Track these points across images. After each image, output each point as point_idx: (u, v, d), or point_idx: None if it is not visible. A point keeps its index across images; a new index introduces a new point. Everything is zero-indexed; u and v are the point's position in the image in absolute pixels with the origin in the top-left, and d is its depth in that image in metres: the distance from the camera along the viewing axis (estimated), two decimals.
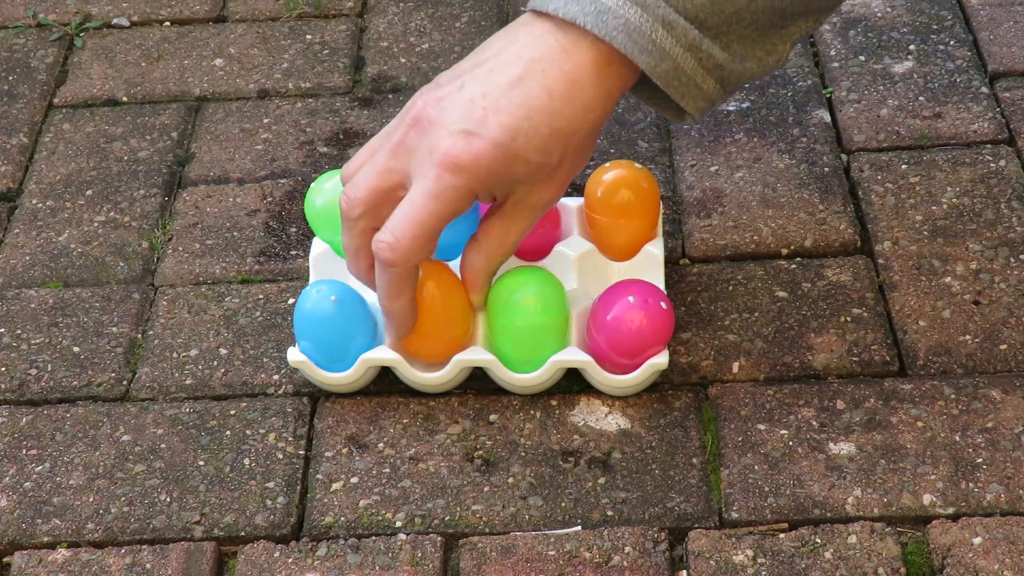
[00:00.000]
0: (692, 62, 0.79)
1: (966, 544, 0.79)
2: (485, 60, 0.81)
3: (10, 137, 1.12)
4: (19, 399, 0.92)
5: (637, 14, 0.77)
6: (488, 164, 0.80)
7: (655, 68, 0.79)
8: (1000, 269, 0.95)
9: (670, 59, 0.78)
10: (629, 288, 0.86)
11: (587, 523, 0.82)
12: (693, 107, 0.81)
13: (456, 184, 0.80)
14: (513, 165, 0.80)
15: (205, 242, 1.02)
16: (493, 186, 0.82)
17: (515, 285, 0.87)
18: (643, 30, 0.78)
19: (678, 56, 0.78)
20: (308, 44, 1.19)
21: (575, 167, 0.83)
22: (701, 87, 0.80)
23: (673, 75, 0.79)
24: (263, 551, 0.81)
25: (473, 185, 0.80)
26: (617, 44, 0.78)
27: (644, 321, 0.85)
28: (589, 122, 0.81)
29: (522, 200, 0.83)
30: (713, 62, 0.80)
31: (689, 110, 0.82)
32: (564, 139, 0.80)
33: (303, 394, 0.91)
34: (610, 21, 0.78)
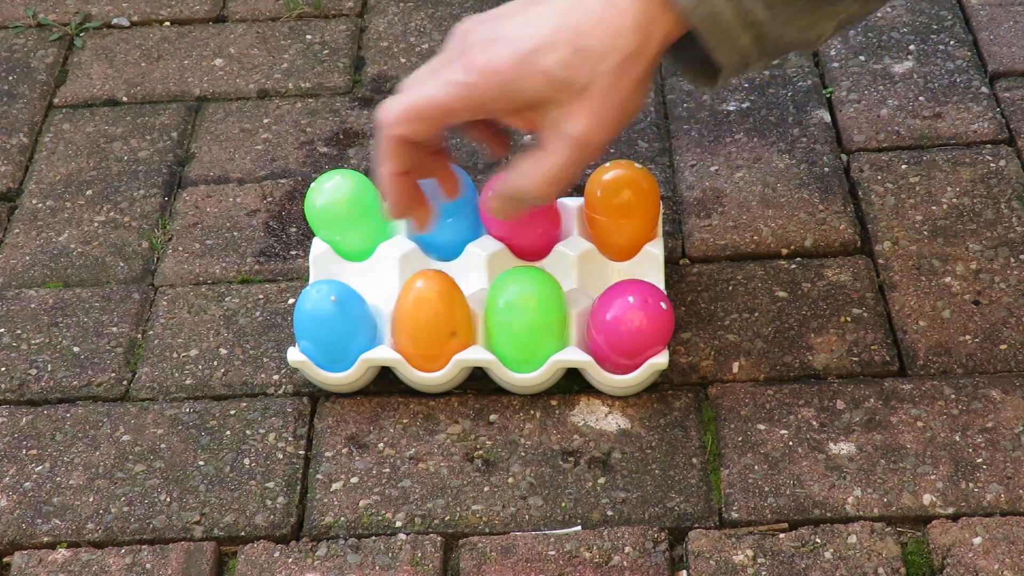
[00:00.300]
0: (731, 11, 0.78)
1: (966, 544, 0.79)
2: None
3: (10, 137, 1.12)
4: (19, 399, 0.92)
5: None
6: (503, 70, 0.79)
7: (693, 10, 0.78)
8: (1000, 269, 0.95)
9: (708, 3, 0.78)
10: (629, 288, 0.86)
11: (587, 523, 0.82)
12: (725, 59, 0.80)
13: (464, 81, 0.79)
14: (531, 76, 0.79)
15: (205, 242, 1.02)
16: (511, 99, 0.80)
17: (513, 285, 0.87)
18: None
19: (717, 2, 0.78)
20: (308, 44, 1.19)
21: (610, 97, 0.80)
22: (736, 41, 0.79)
23: (710, 20, 0.78)
24: (263, 551, 0.81)
25: (481, 89, 0.79)
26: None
27: (644, 321, 0.85)
28: (620, 49, 0.79)
29: (555, 126, 0.81)
30: (752, 17, 0.78)
31: (721, 61, 0.80)
32: (591, 60, 0.79)
33: (303, 394, 0.91)
34: None
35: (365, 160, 1.08)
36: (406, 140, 0.82)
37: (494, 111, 0.81)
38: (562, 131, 0.81)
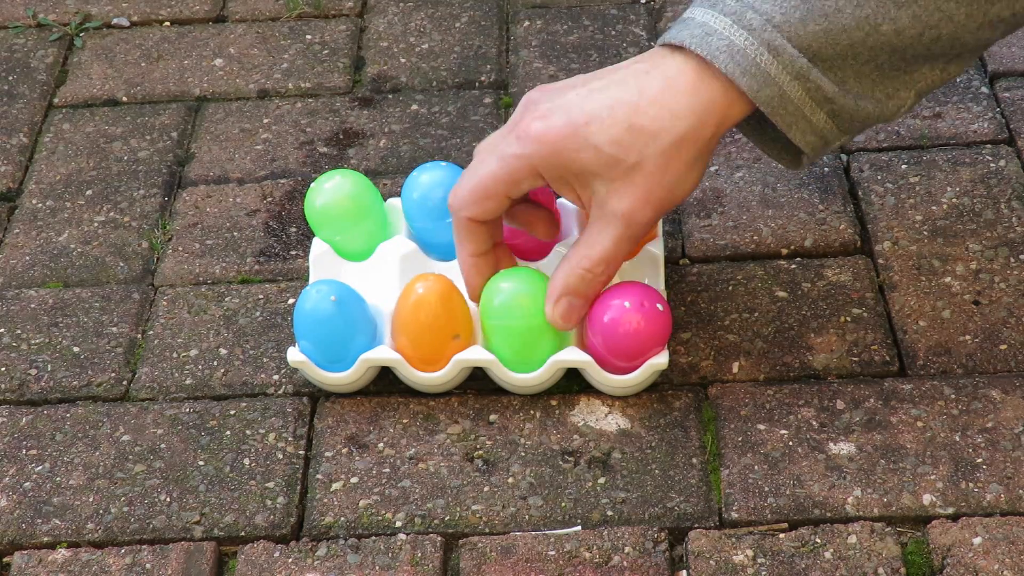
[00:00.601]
0: (799, 91, 0.78)
1: (966, 544, 0.79)
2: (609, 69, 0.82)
3: (10, 137, 1.12)
4: (19, 399, 0.92)
5: (743, 37, 0.78)
6: (554, 140, 0.80)
7: (758, 92, 0.78)
8: (1000, 269, 0.95)
9: (775, 84, 0.78)
10: (625, 291, 0.86)
11: (587, 523, 0.82)
12: (802, 140, 0.81)
13: (519, 153, 0.81)
14: (582, 150, 0.80)
15: (205, 242, 1.02)
16: (561, 169, 0.81)
17: (511, 286, 0.87)
18: (747, 53, 0.78)
19: (784, 83, 0.78)
20: (308, 44, 1.19)
21: (659, 178, 0.80)
22: (810, 119, 0.80)
23: (778, 102, 0.79)
24: (263, 551, 0.81)
25: (536, 159, 0.81)
26: (719, 64, 0.78)
27: (641, 324, 0.85)
28: (676, 130, 0.79)
29: (601, 204, 0.82)
30: (822, 94, 0.79)
31: (798, 142, 0.81)
32: (643, 138, 0.79)
33: (303, 394, 0.91)
34: (714, 42, 0.78)
35: (365, 160, 1.08)
36: (478, 220, 0.84)
37: (548, 179, 0.82)
38: (607, 209, 0.81)
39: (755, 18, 0.78)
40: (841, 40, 0.78)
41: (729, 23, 0.78)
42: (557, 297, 0.85)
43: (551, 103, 0.81)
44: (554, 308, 0.85)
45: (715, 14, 0.79)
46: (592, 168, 0.80)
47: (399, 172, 1.06)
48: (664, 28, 1.18)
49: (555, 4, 1.22)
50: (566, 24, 1.19)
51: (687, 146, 0.80)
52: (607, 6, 1.21)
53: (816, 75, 0.78)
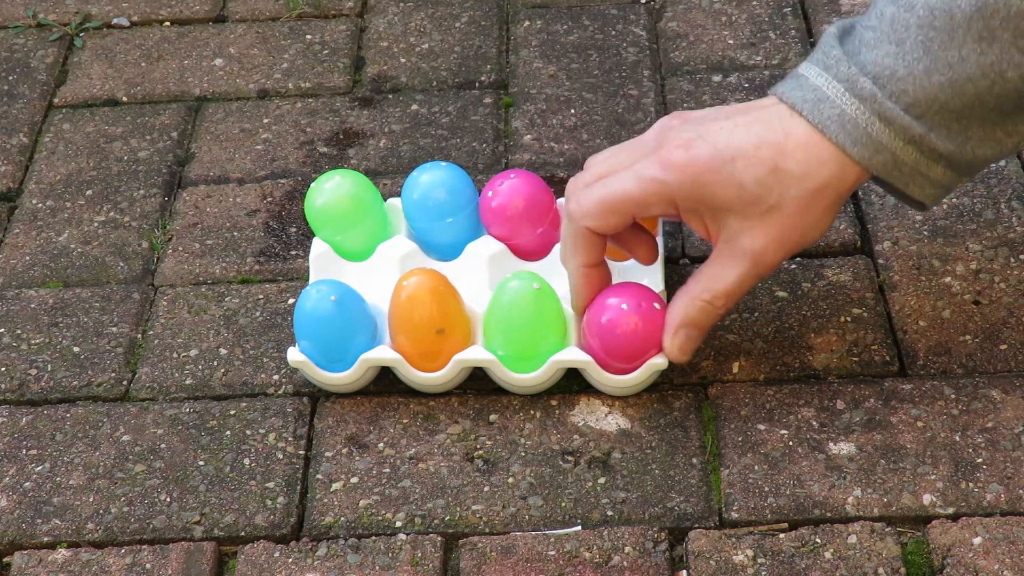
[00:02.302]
0: (913, 153, 0.79)
1: (966, 544, 0.79)
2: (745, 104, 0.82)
3: (10, 137, 1.12)
4: (19, 399, 0.92)
5: (854, 106, 0.78)
6: (699, 171, 0.80)
7: (870, 160, 0.79)
8: (1000, 269, 0.95)
9: (887, 151, 0.79)
10: (621, 292, 0.86)
11: (587, 523, 0.82)
12: (921, 194, 0.81)
13: (659, 178, 0.80)
14: (725, 185, 0.80)
15: (205, 242, 1.02)
16: (698, 201, 0.81)
17: (511, 285, 0.87)
18: (858, 122, 0.78)
19: (897, 148, 0.79)
20: (308, 44, 1.19)
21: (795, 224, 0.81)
22: (927, 175, 0.80)
23: (892, 166, 0.79)
24: (263, 551, 0.81)
25: (674, 186, 0.80)
26: (830, 134, 0.79)
27: (638, 325, 0.85)
28: (817, 177, 0.80)
29: (732, 239, 0.82)
30: (937, 153, 0.79)
31: (917, 197, 0.82)
32: (786, 181, 0.80)
33: (303, 394, 0.91)
34: (826, 111, 0.79)
35: (365, 160, 1.08)
36: (596, 233, 0.84)
37: (681, 209, 0.82)
38: (739, 246, 0.82)
39: (867, 85, 0.78)
40: (967, 90, 0.78)
41: (842, 90, 0.79)
42: (676, 328, 0.85)
43: (694, 132, 0.81)
44: (672, 339, 0.85)
45: (828, 79, 0.79)
46: (731, 204, 0.80)
47: (399, 172, 1.06)
48: (664, 28, 1.18)
49: (555, 4, 1.22)
50: (566, 24, 1.19)
51: (827, 193, 0.81)
52: (607, 6, 1.21)
53: (930, 138, 0.79)
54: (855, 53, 0.80)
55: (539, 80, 1.14)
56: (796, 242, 0.82)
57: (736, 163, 0.80)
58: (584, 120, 1.10)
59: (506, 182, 0.93)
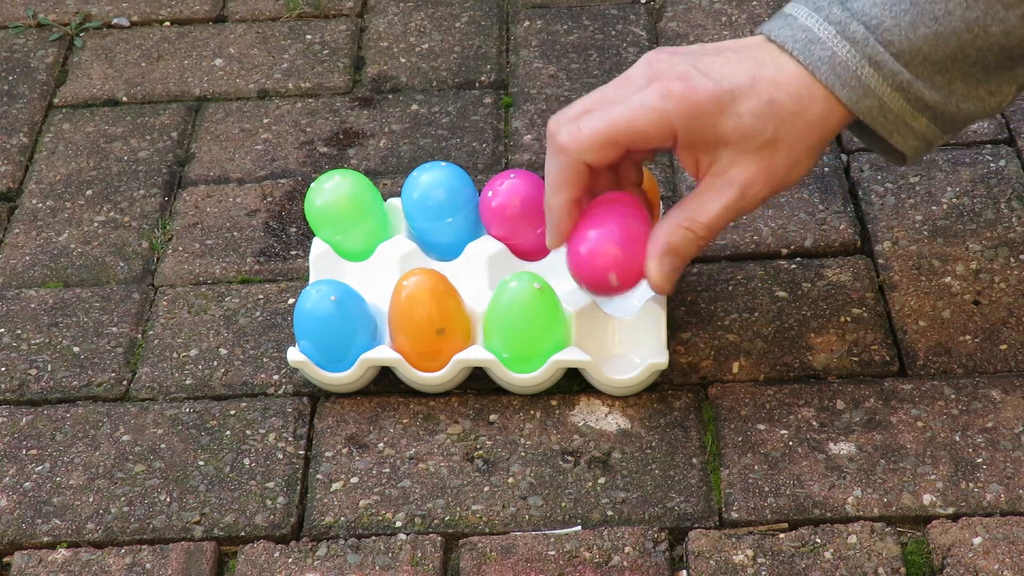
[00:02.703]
0: (900, 101, 0.80)
1: (966, 544, 0.79)
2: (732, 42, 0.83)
3: (10, 137, 1.12)
4: (19, 399, 0.92)
5: (845, 49, 0.79)
6: (699, 101, 0.79)
7: (857, 103, 0.79)
8: (1000, 269, 0.95)
9: (874, 96, 0.79)
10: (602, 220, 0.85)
11: (587, 523, 0.82)
12: (904, 144, 0.82)
13: (659, 106, 0.80)
14: (723, 116, 0.80)
15: (205, 242, 1.02)
16: (696, 133, 0.81)
17: (512, 285, 0.87)
18: (848, 65, 0.79)
19: (884, 94, 0.79)
20: (308, 44, 1.19)
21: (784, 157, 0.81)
22: (911, 125, 0.81)
23: (878, 112, 0.80)
24: (263, 551, 0.81)
25: (675, 116, 0.80)
26: (820, 75, 0.79)
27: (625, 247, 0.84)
28: (809, 113, 0.80)
29: (722, 172, 0.81)
30: (924, 102, 0.80)
31: (899, 147, 0.82)
32: (780, 116, 0.80)
33: (303, 394, 0.91)
34: (816, 51, 0.79)
35: (365, 160, 1.08)
36: (590, 166, 0.82)
37: (680, 141, 0.81)
38: (728, 176, 0.81)
39: (859, 30, 0.79)
40: (951, 43, 0.78)
41: (833, 32, 0.79)
42: (661, 255, 0.83)
43: (688, 65, 0.80)
44: (658, 266, 0.83)
45: (819, 20, 0.80)
46: (728, 137, 0.80)
47: (399, 172, 1.06)
48: (664, 28, 1.18)
49: (555, 4, 1.22)
50: (566, 24, 1.19)
51: (815, 130, 0.81)
52: (607, 6, 1.21)
53: (917, 86, 0.79)
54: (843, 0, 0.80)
55: (539, 80, 1.14)
56: (781, 179, 0.82)
57: (735, 94, 0.80)
58: None
59: (506, 182, 0.93)
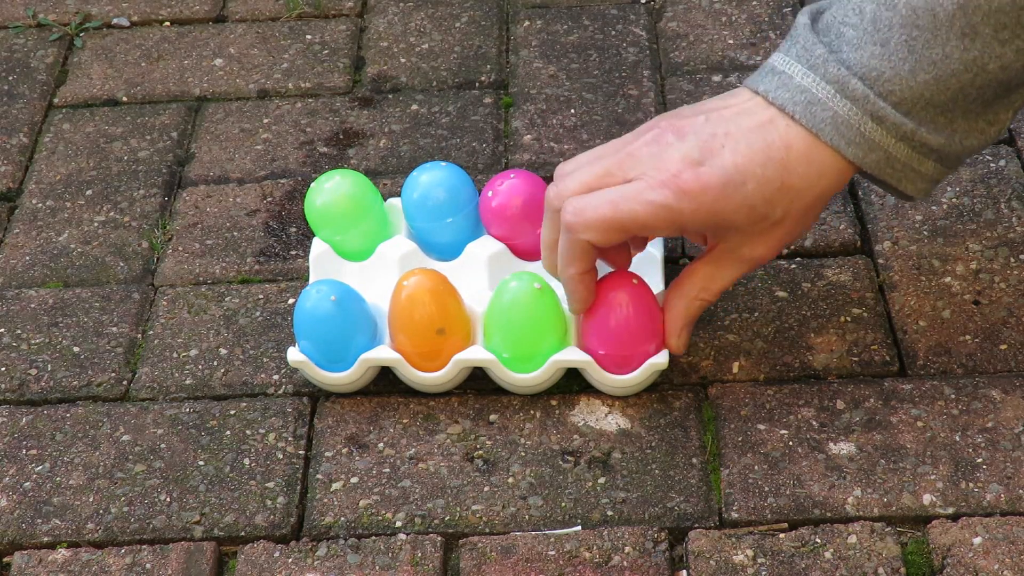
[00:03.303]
0: (905, 150, 0.80)
1: (966, 544, 0.79)
2: (731, 104, 0.82)
3: (10, 137, 1.12)
4: (19, 399, 0.92)
5: (846, 108, 0.79)
6: (711, 198, 0.80)
7: (864, 159, 0.80)
8: (1000, 269, 0.95)
9: (880, 149, 0.80)
10: (618, 288, 0.86)
11: (587, 523, 0.82)
12: (913, 189, 0.83)
13: (671, 205, 0.80)
14: (735, 208, 0.81)
15: (205, 242, 1.02)
16: (707, 223, 0.82)
17: (512, 285, 0.87)
18: (851, 123, 0.79)
19: (889, 146, 0.80)
20: (308, 44, 1.19)
21: (793, 230, 0.83)
22: (918, 170, 0.82)
23: (885, 163, 0.81)
24: (263, 551, 0.81)
25: (686, 213, 0.80)
26: (824, 137, 0.79)
27: (640, 318, 0.86)
28: (819, 188, 0.81)
29: (734, 250, 0.84)
30: (928, 147, 0.81)
31: (909, 192, 0.83)
32: (792, 197, 0.81)
33: (303, 394, 0.91)
34: (818, 113, 0.79)
35: (365, 160, 1.08)
36: (594, 246, 0.83)
37: (688, 230, 0.84)
38: (738, 253, 0.84)
39: (858, 87, 0.79)
40: (951, 85, 0.79)
41: (832, 92, 0.79)
42: (681, 329, 0.87)
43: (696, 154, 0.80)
44: (679, 340, 0.87)
45: (816, 79, 0.80)
46: (739, 224, 0.82)
47: (399, 172, 1.06)
48: (664, 28, 1.18)
49: (555, 4, 1.22)
50: (566, 24, 1.19)
51: (824, 200, 0.83)
52: (607, 6, 1.21)
53: (921, 133, 0.80)
54: (837, 50, 0.80)
55: (539, 80, 1.14)
56: (788, 243, 0.85)
57: (747, 186, 0.80)
58: (584, 120, 1.10)
59: (506, 182, 0.93)
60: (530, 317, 0.87)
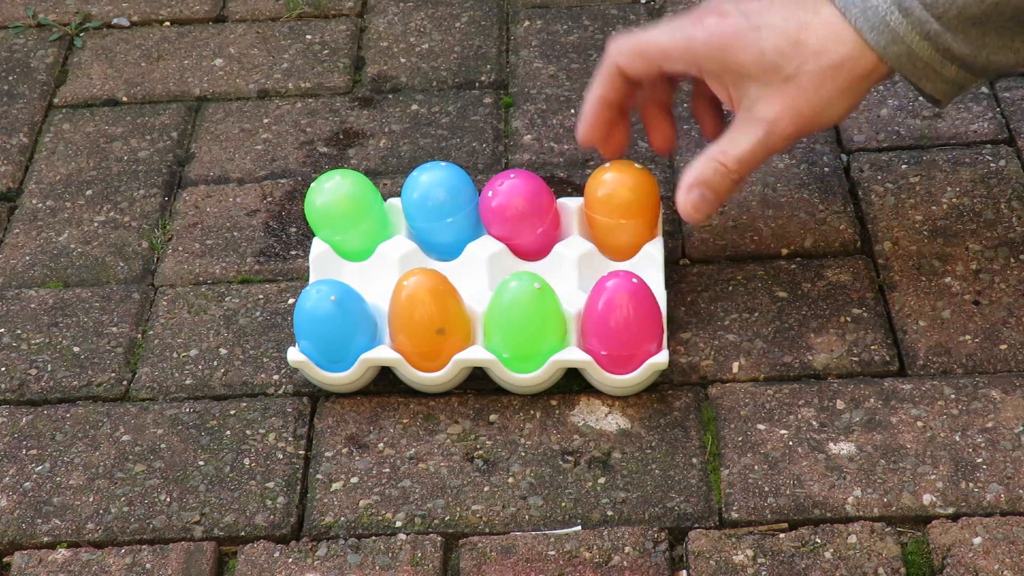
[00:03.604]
0: (928, 49, 0.82)
1: (966, 544, 0.79)
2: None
3: (10, 137, 1.12)
4: (19, 399, 0.92)
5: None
6: (725, 36, 0.84)
7: (885, 49, 0.82)
8: (1000, 269, 0.95)
9: (902, 43, 0.81)
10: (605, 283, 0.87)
11: (587, 523, 0.82)
12: (934, 89, 0.84)
13: (691, 34, 0.85)
14: (746, 49, 0.84)
15: (205, 242, 1.02)
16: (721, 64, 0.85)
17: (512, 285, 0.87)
18: (879, 10, 0.81)
19: (913, 42, 0.81)
20: (308, 44, 1.19)
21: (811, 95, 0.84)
22: (941, 72, 0.83)
23: (907, 59, 0.82)
24: (263, 551, 0.81)
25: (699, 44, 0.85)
26: (850, 17, 0.82)
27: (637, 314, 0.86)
28: (834, 53, 0.83)
29: (750, 107, 0.85)
30: (951, 53, 0.82)
31: (929, 92, 0.84)
32: (804, 54, 0.83)
33: (303, 394, 0.91)
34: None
35: (365, 160, 1.08)
36: (623, 72, 0.88)
37: (704, 70, 0.86)
38: (754, 113, 0.85)
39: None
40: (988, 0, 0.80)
41: None
42: (690, 186, 0.88)
43: (732, 8, 0.85)
44: (687, 196, 0.88)
45: None
46: (750, 70, 0.84)
47: (399, 172, 1.06)
48: None
49: (555, 4, 1.21)
50: (566, 24, 1.19)
51: (843, 72, 0.83)
52: (607, 6, 1.21)
53: (946, 37, 0.81)
54: None
55: (539, 80, 1.14)
56: (810, 118, 0.85)
57: (760, 31, 0.83)
58: None
59: (506, 182, 0.93)
60: (530, 317, 0.87)
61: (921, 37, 0.81)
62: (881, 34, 0.81)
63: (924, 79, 0.83)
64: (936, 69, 0.82)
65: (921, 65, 0.82)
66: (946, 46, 0.81)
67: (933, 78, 0.83)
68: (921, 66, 0.82)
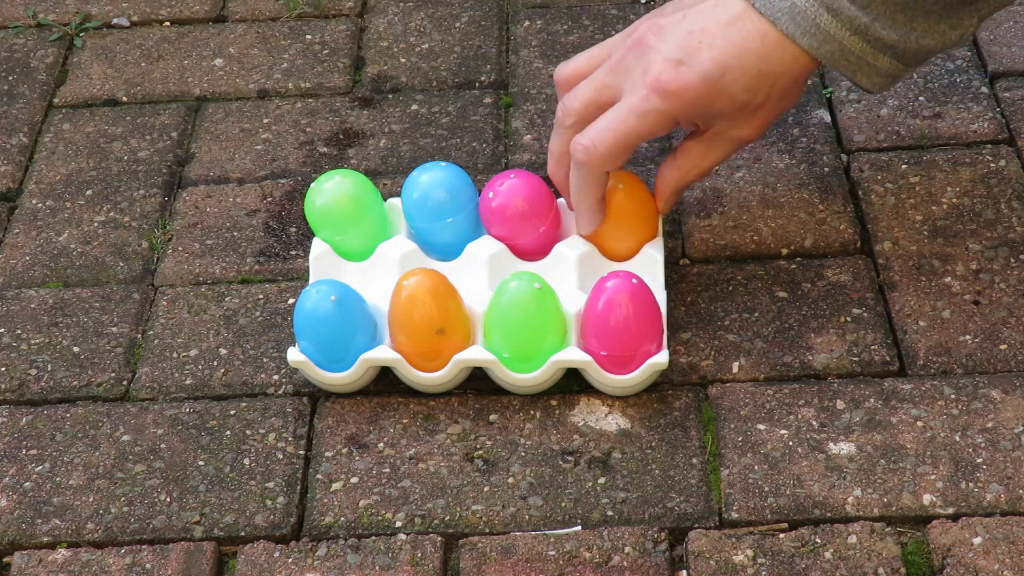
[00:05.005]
0: (859, 43, 0.84)
1: (966, 544, 0.79)
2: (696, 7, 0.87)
3: (10, 137, 1.12)
4: (19, 399, 0.92)
5: None
6: (694, 95, 0.85)
7: (818, 49, 0.84)
8: (1000, 269, 0.95)
9: (834, 41, 0.83)
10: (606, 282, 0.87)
11: (587, 523, 0.82)
12: (869, 83, 0.86)
13: (660, 108, 0.86)
14: (718, 99, 0.85)
15: (205, 242, 1.02)
16: (695, 115, 0.87)
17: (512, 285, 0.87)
18: (807, 14, 0.83)
19: (844, 38, 0.83)
20: (308, 44, 1.19)
21: (777, 110, 0.89)
22: (873, 64, 0.85)
23: (840, 55, 0.84)
24: (263, 551, 0.81)
25: (675, 111, 0.86)
26: (781, 25, 0.83)
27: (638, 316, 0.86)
28: (797, 69, 0.85)
29: (722, 132, 0.89)
30: (883, 43, 0.84)
31: (865, 85, 0.87)
32: (771, 82, 0.85)
33: (303, 394, 0.91)
34: (777, 3, 0.83)
35: (365, 160, 1.08)
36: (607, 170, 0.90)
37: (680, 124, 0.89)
38: (727, 135, 0.90)
39: None
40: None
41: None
42: (669, 196, 0.93)
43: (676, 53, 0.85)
44: (667, 204, 0.94)
45: None
46: (725, 111, 0.87)
47: (399, 172, 1.06)
48: None
49: (555, 4, 1.22)
50: (566, 24, 1.19)
51: (801, 80, 0.88)
52: (607, 6, 1.21)
53: (876, 28, 0.83)
54: None
55: (539, 80, 1.14)
56: (772, 122, 0.91)
57: (725, 78, 0.85)
58: None
59: (506, 182, 0.93)
60: (530, 317, 0.87)
61: (851, 32, 0.83)
62: (813, 37, 0.83)
63: (858, 72, 0.85)
64: (869, 61, 0.85)
65: (854, 59, 0.84)
66: (876, 35, 0.83)
67: (867, 70, 0.85)
68: (854, 60, 0.84)
